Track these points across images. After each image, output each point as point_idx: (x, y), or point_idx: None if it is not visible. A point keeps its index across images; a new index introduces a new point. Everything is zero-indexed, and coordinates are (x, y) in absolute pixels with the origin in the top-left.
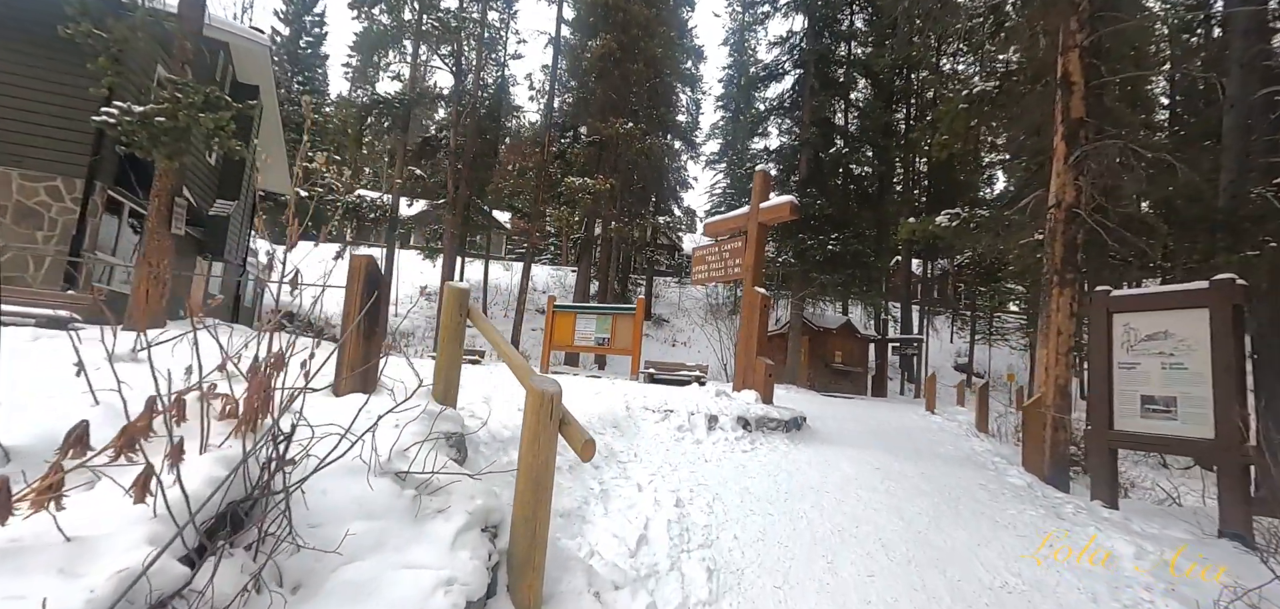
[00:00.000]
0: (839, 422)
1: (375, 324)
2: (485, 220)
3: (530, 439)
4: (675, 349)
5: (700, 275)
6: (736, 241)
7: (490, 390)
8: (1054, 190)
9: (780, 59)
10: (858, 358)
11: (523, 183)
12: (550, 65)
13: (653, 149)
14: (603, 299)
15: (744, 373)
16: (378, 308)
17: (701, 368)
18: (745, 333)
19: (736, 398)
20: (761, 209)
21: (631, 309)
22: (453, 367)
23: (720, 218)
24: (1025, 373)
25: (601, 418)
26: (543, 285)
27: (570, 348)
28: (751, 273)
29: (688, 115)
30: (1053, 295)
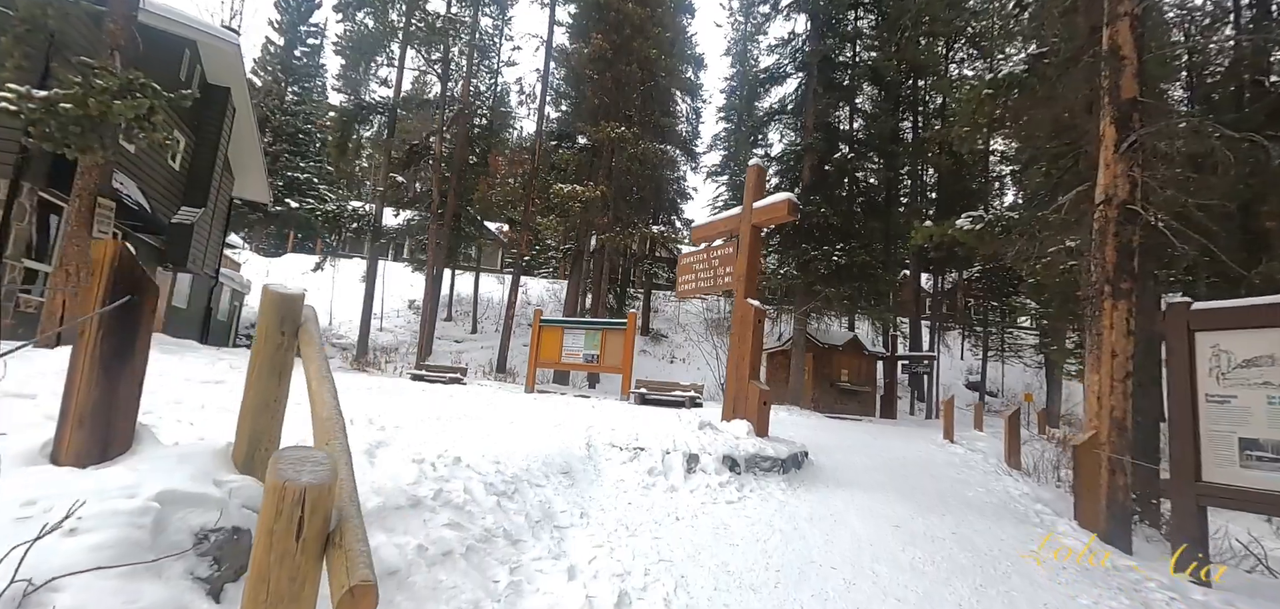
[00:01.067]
0: (846, 453)
1: (127, 346)
2: (476, 231)
3: (255, 580)
4: (672, 366)
5: (687, 286)
6: (727, 247)
7: (389, 437)
8: (1102, 184)
9: (782, 62)
10: (865, 376)
11: (512, 191)
12: (542, 69)
13: (647, 154)
14: (596, 313)
15: (734, 400)
16: (135, 322)
17: (696, 388)
18: (736, 352)
19: (725, 430)
20: (755, 209)
21: (622, 324)
22: (265, 412)
23: (708, 221)
24: (1040, 391)
25: (548, 463)
26: (538, 299)
27: (557, 365)
28: (744, 282)
29: (688, 125)
30: (1104, 310)
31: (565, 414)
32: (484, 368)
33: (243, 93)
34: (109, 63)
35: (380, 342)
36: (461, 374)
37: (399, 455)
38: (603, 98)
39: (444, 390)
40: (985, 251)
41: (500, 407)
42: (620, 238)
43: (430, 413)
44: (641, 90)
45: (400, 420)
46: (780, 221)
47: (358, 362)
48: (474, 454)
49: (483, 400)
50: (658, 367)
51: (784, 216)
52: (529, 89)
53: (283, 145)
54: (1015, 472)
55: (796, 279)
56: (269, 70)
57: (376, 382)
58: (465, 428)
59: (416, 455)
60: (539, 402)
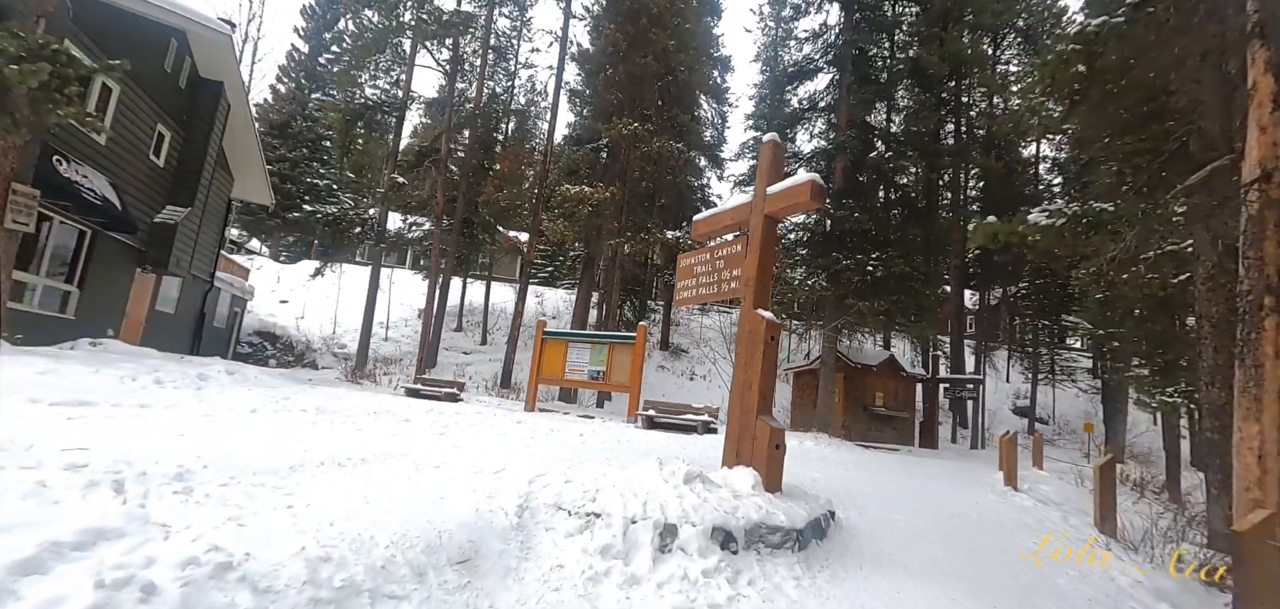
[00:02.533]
0: (885, 507)
1: None
2: (488, 238)
3: None
4: (692, 383)
5: (686, 293)
6: (735, 245)
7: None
8: (1255, 157)
9: (812, 56)
10: (903, 400)
11: (522, 195)
12: (556, 64)
13: (663, 153)
14: (608, 326)
15: (738, 440)
16: None
17: (711, 411)
18: (742, 377)
19: (721, 484)
20: (770, 194)
21: (631, 338)
22: None
23: (711, 212)
24: (1096, 417)
25: (438, 544)
26: (554, 310)
27: (560, 381)
28: (754, 288)
29: (714, 130)
30: (1266, 331)
31: (503, 461)
32: (488, 382)
33: (238, 88)
34: (33, 32)
35: (383, 352)
36: (459, 390)
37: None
38: (616, 93)
39: (419, 410)
40: (1062, 254)
41: (457, 435)
42: (633, 244)
43: (339, 453)
44: (659, 86)
45: (272, 465)
46: (802, 210)
47: (356, 374)
48: (292, 544)
49: (441, 425)
50: (676, 384)
51: (806, 203)
52: (541, 87)
53: (302, 151)
54: (1111, 539)
55: (826, 291)
56: (293, 77)
57: (346, 401)
58: (353, 479)
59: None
60: (523, 426)
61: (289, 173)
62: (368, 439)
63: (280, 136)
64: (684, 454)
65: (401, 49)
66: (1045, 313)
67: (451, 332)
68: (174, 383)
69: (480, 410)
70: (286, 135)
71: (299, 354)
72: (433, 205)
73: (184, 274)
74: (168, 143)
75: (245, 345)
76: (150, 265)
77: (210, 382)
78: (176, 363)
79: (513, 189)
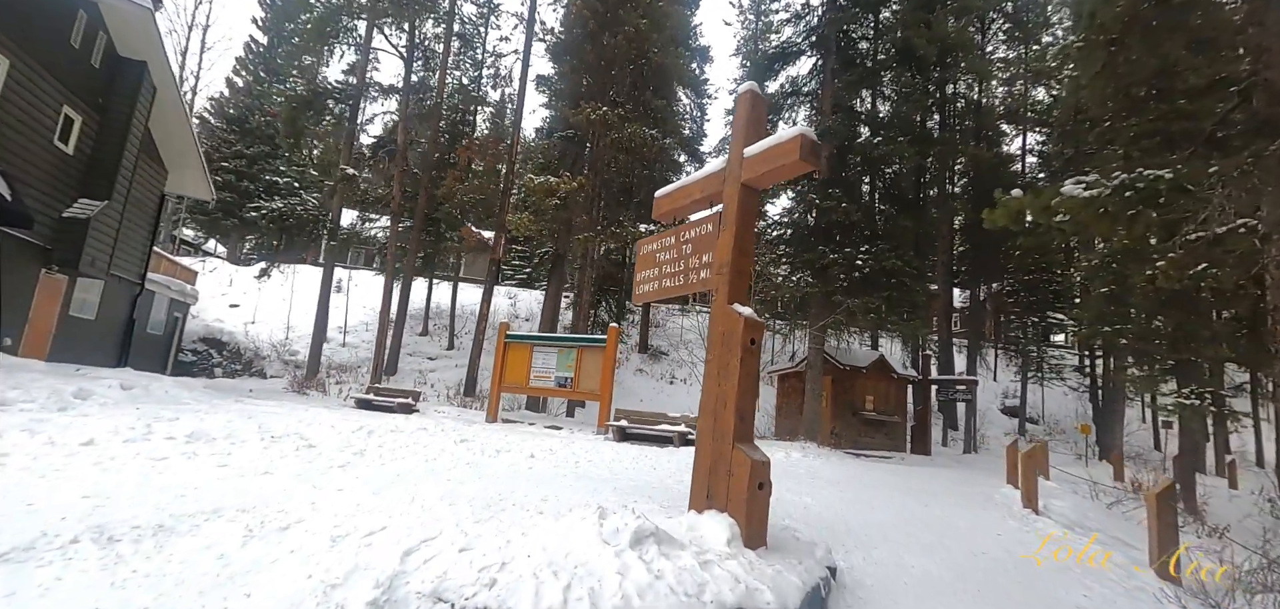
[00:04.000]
0: (894, 548)
1: None
2: (453, 235)
3: None
4: (671, 387)
5: (647, 287)
6: (705, 226)
7: None
8: None
9: (794, 38)
10: (895, 404)
11: (483, 187)
12: (522, 49)
13: (635, 140)
14: (579, 328)
15: (710, 475)
16: None
17: (689, 421)
18: (714, 392)
19: (685, 542)
20: (748, 157)
21: (601, 342)
22: None
23: (676, 186)
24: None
25: None
26: (528, 312)
27: (525, 389)
28: (729, 276)
29: (692, 122)
30: None
31: (451, 483)
32: (451, 390)
33: (166, 69)
34: None
35: (339, 359)
36: (414, 400)
37: None
38: (585, 77)
39: (349, 427)
40: (1101, 234)
41: (365, 467)
42: (605, 238)
43: (135, 514)
44: (631, 70)
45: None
46: (790, 174)
47: (304, 383)
48: None
49: (356, 449)
50: (655, 389)
51: (795, 164)
52: (505, 72)
53: (261, 147)
54: (1181, 592)
55: (812, 288)
56: (251, 69)
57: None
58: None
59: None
60: (467, 445)
61: (246, 169)
62: (215, 484)
63: (238, 131)
64: (651, 480)
65: (357, 34)
66: (1033, 310)
67: (416, 336)
68: (24, 404)
69: (428, 425)
70: (244, 130)
71: (247, 362)
72: (392, 200)
73: (101, 275)
74: (78, 128)
75: (188, 354)
76: (58, 266)
77: (88, 400)
78: (58, 379)
79: (474, 181)
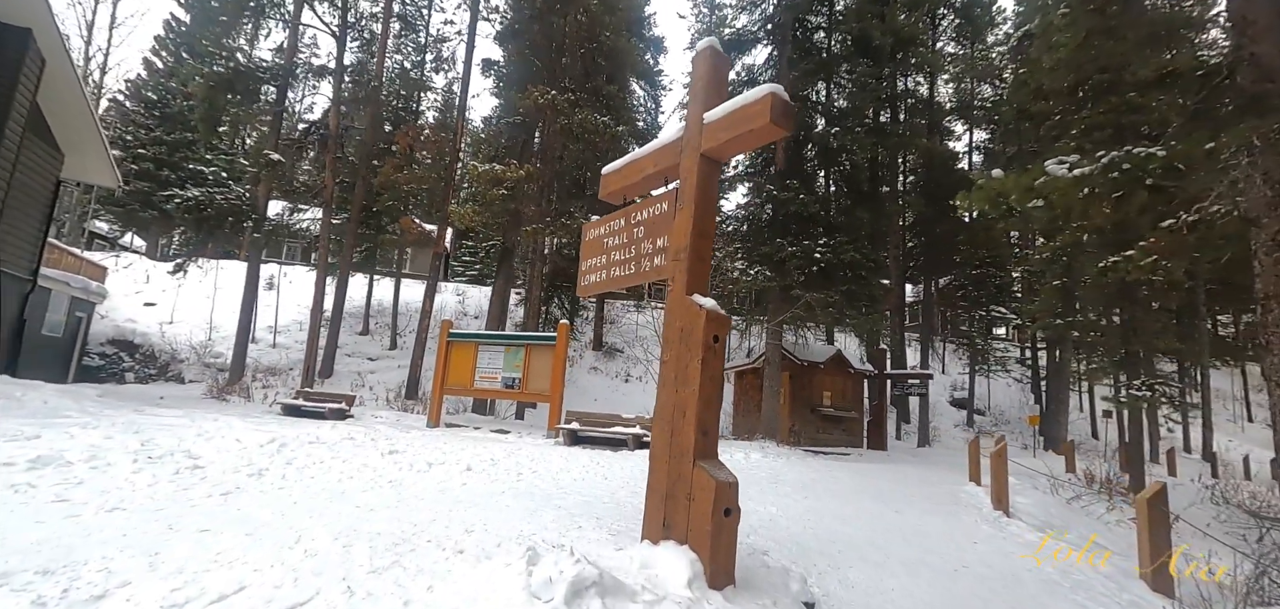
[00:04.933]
0: (871, 568)
1: None
2: (395, 227)
3: None
4: (627, 386)
5: (594, 278)
6: (659, 205)
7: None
8: None
9: (750, 27)
10: (852, 399)
11: (423, 176)
12: (466, 29)
13: (586, 127)
14: (530, 325)
15: (666, 498)
16: None
17: (644, 421)
18: (669, 399)
19: (636, 588)
20: (709, 122)
21: (551, 340)
22: None
23: (627, 159)
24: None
25: None
26: (478, 309)
27: (470, 391)
28: (687, 263)
29: (646, 114)
30: None
31: (360, 510)
32: (392, 393)
33: (55, 38)
34: None
35: (268, 361)
36: (349, 404)
37: None
38: (534, 60)
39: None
40: (1083, 215)
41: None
42: (556, 230)
43: None
44: (582, 53)
45: None
46: (759, 140)
47: (226, 388)
48: None
49: (254, 468)
50: (609, 387)
51: (766, 128)
52: (449, 54)
53: (183, 133)
54: (1171, 601)
55: (770, 282)
56: (171, 49)
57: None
58: None
59: None
60: (397, 457)
61: (166, 157)
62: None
63: (157, 116)
64: (601, 493)
65: (285, 10)
66: (980, 304)
67: (355, 335)
68: None
69: (356, 434)
70: (165, 115)
71: (163, 366)
72: (324, 189)
73: None
74: None
75: (95, 358)
76: None
77: None
78: None
79: (415, 171)
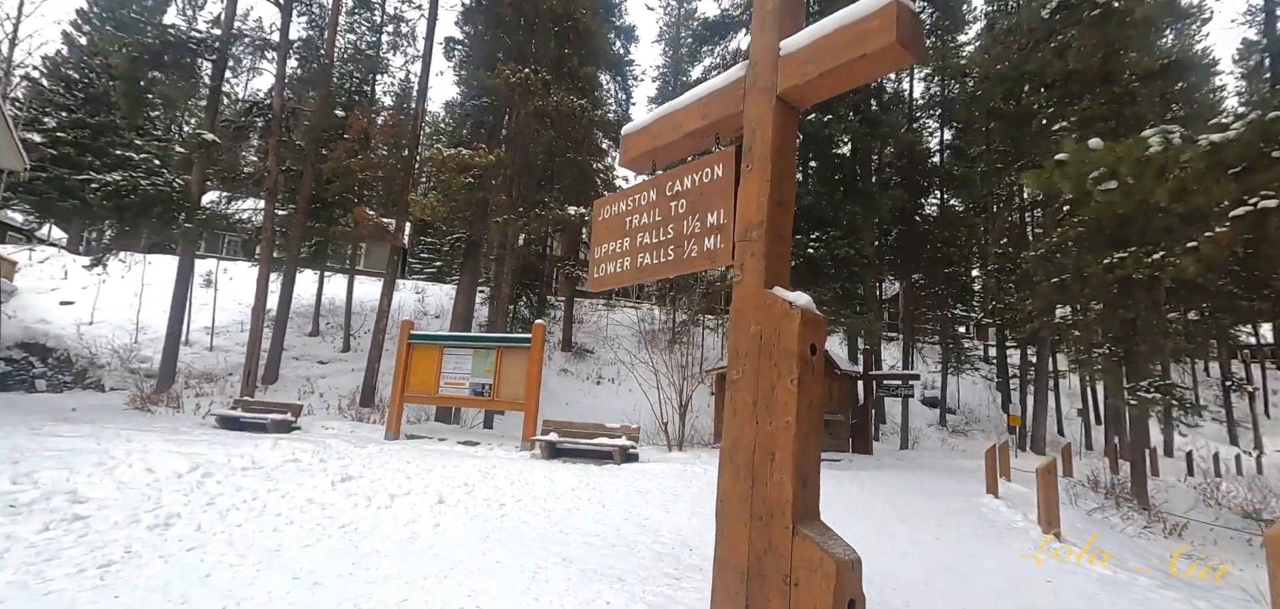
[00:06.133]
0: None
1: None
2: (349, 219)
3: None
4: (599, 389)
5: (610, 270)
6: (709, 169)
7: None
8: None
9: (731, 10)
10: (840, 402)
11: (380, 162)
12: (428, 5)
13: (563, 111)
14: (497, 325)
15: (748, 585)
16: None
17: (630, 433)
18: (747, 434)
19: None
20: (790, 51)
21: (525, 341)
22: None
23: (660, 113)
24: (995, 405)
25: None
26: (438, 308)
27: (433, 398)
28: (764, 245)
29: (617, 106)
30: None
31: (280, 597)
32: (345, 400)
33: None
34: None
35: (204, 366)
36: (295, 415)
37: None
38: (504, 37)
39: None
40: (1161, 197)
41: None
42: (527, 222)
43: None
44: (556, 32)
45: None
46: (871, 72)
47: (152, 397)
48: None
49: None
50: (581, 391)
51: (888, 51)
52: (408, 29)
53: (108, 116)
54: None
55: None
56: (95, 24)
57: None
58: None
59: None
60: (349, 490)
61: (90, 141)
62: None
63: (79, 96)
64: (606, 533)
65: None
66: (948, 303)
67: (304, 336)
68: None
69: (303, 453)
70: (89, 97)
71: (80, 373)
72: (267, 176)
73: None
74: None
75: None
76: None
77: None
78: None
79: (371, 157)
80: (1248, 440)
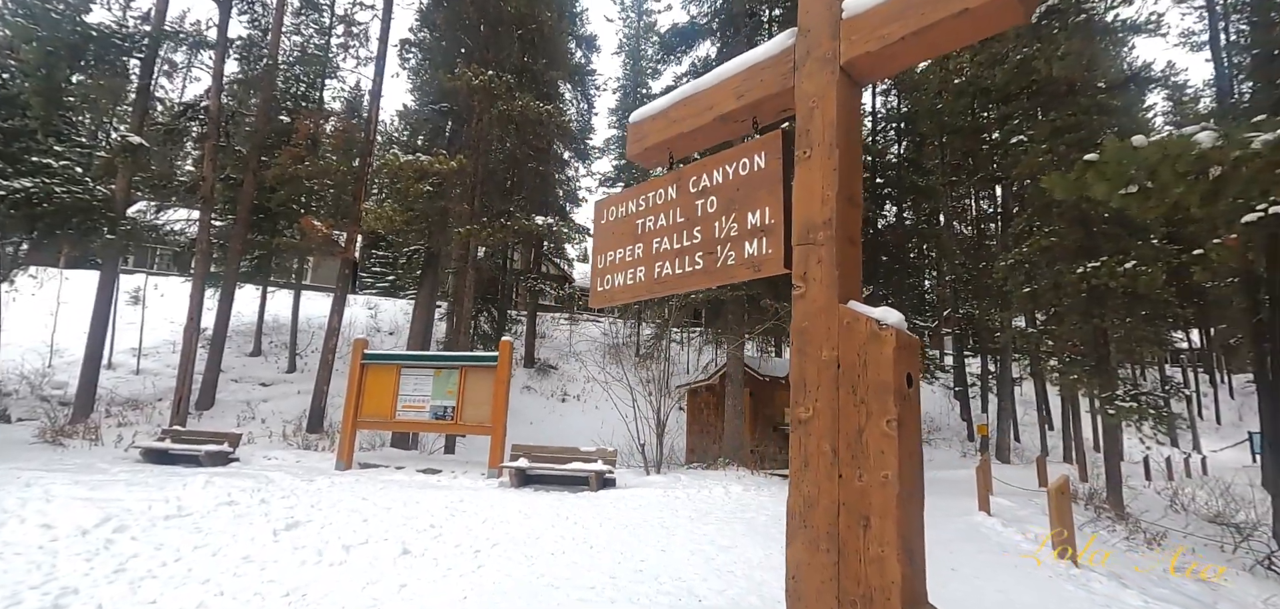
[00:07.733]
0: None
1: None
2: (294, 230)
3: None
4: (565, 406)
5: (619, 282)
6: (749, 158)
7: None
8: None
9: (698, 18)
10: None
11: (329, 168)
12: (382, 4)
13: (528, 116)
14: (458, 343)
15: None
16: None
17: (607, 456)
18: (829, 495)
19: None
20: (855, 11)
21: (491, 360)
22: None
23: (684, 94)
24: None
25: None
26: (392, 325)
27: (390, 423)
28: (835, 249)
29: (579, 116)
30: None
31: None
32: (291, 426)
33: None
34: None
35: (128, 391)
36: (232, 445)
37: None
38: (464, 39)
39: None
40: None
41: None
42: (490, 232)
43: None
44: (520, 35)
45: None
46: (973, 32)
47: (66, 429)
48: None
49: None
50: (546, 409)
51: (1001, 8)
52: (361, 29)
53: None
54: None
55: (737, 289)
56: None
57: None
58: None
59: None
60: (294, 540)
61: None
62: None
63: None
64: (597, 584)
65: None
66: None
67: (244, 357)
68: None
69: (239, 494)
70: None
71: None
72: (202, 183)
73: None
74: None
75: None
76: None
77: None
78: None
79: (319, 164)
80: (1186, 442)
